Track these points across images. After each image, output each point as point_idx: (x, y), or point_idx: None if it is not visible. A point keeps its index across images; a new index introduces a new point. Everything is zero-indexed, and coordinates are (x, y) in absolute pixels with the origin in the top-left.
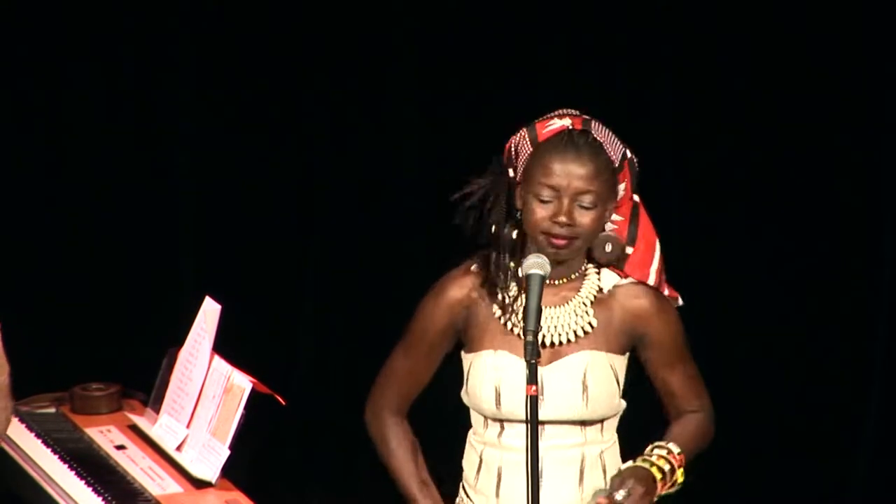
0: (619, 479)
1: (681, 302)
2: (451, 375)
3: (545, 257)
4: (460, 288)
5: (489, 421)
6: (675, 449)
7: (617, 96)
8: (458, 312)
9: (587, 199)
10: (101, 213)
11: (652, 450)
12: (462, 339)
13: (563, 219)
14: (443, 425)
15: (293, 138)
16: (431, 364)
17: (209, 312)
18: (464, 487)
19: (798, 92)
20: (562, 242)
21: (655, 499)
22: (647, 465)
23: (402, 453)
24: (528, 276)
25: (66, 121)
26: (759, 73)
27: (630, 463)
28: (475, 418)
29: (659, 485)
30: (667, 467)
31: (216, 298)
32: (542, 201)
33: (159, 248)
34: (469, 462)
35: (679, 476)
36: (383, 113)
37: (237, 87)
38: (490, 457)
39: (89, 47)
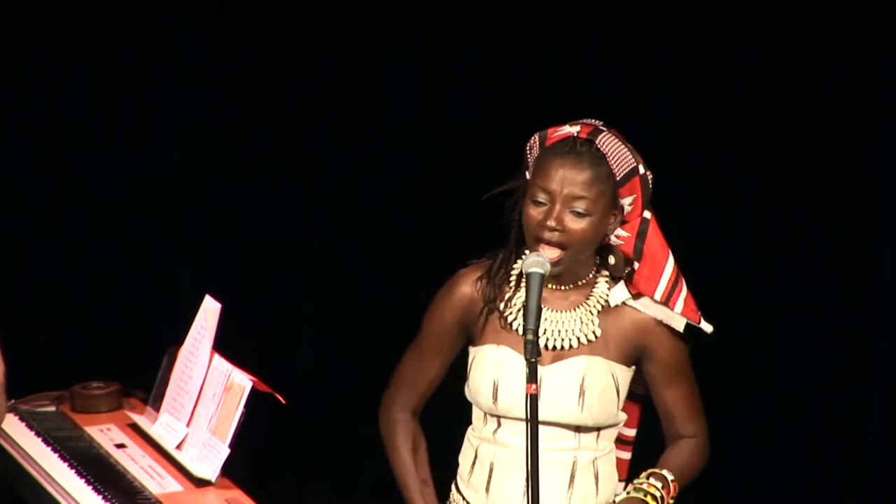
0: None
1: (708, 328)
2: (455, 370)
3: (545, 255)
4: (469, 284)
5: (487, 417)
6: (669, 477)
7: (617, 96)
8: (467, 307)
9: (580, 206)
10: (101, 213)
11: (648, 476)
12: (470, 333)
13: (552, 223)
14: (451, 423)
15: (293, 138)
16: (442, 361)
17: (209, 311)
18: (456, 483)
19: (798, 92)
20: (554, 257)
21: None
22: (640, 495)
23: (404, 452)
24: (527, 276)
25: (66, 121)
26: (759, 72)
27: (623, 494)
28: (476, 414)
29: None
30: (659, 495)
31: (216, 297)
32: (536, 203)
33: (159, 248)
34: (465, 457)
35: None
36: (383, 113)
37: (237, 86)
38: (484, 452)
39: (89, 47)
